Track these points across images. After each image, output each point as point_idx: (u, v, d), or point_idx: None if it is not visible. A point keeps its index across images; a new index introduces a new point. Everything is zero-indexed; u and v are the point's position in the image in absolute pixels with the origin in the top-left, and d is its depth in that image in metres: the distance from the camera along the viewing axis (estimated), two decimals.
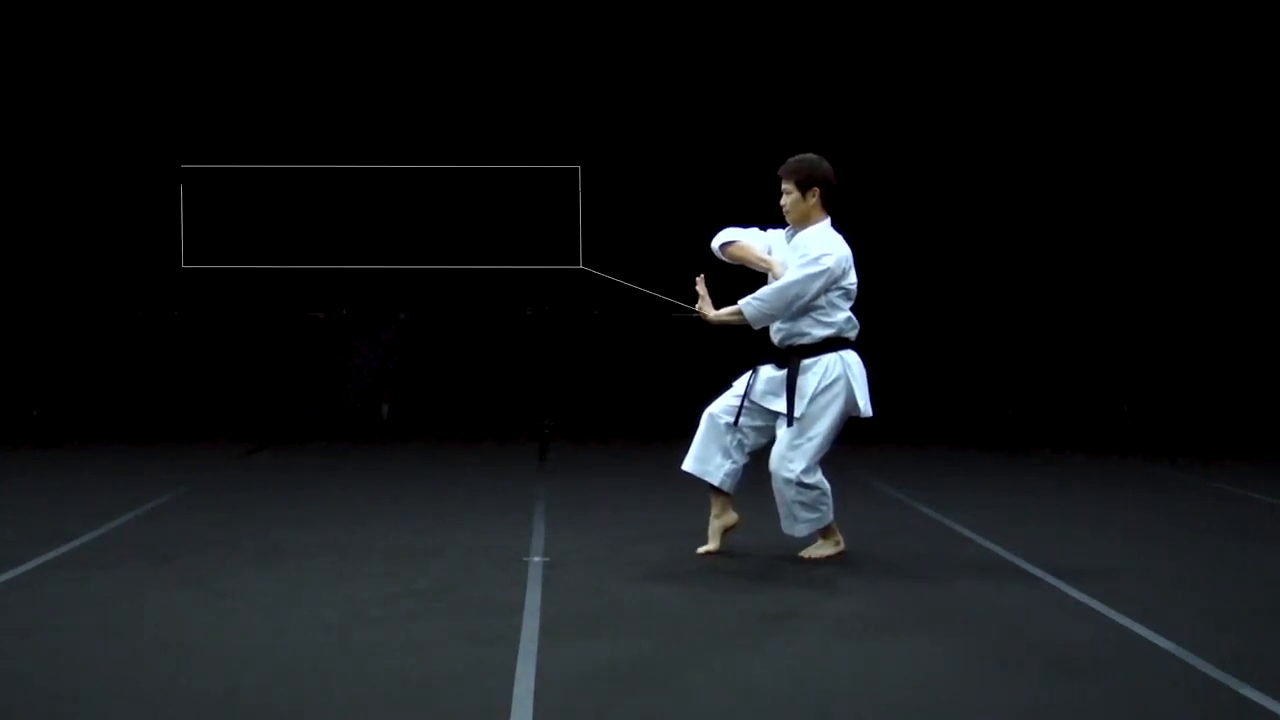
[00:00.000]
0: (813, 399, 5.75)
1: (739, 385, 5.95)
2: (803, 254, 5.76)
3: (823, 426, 5.75)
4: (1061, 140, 12.48)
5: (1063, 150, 12.49)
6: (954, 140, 12.49)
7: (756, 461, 5.94)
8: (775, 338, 5.88)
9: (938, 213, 12.30)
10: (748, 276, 5.98)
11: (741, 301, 5.78)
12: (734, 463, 5.92)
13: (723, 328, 5.92)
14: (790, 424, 5.74)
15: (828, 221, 5.86)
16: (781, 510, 5.85)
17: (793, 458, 5.74)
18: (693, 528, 6.16)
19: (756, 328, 5.83)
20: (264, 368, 12.90)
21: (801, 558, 5.90)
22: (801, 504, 5.78)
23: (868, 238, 6.73)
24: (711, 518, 6.02)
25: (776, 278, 5.80)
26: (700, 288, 5.93)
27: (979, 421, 12.12)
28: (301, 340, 13.08)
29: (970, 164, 12.48)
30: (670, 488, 6.94)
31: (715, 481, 5.92)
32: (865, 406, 5.81)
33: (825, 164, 5.88)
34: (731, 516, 5.99)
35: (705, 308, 5.90)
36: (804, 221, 5.85)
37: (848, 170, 6.20)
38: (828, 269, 5.71)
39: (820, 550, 5.95)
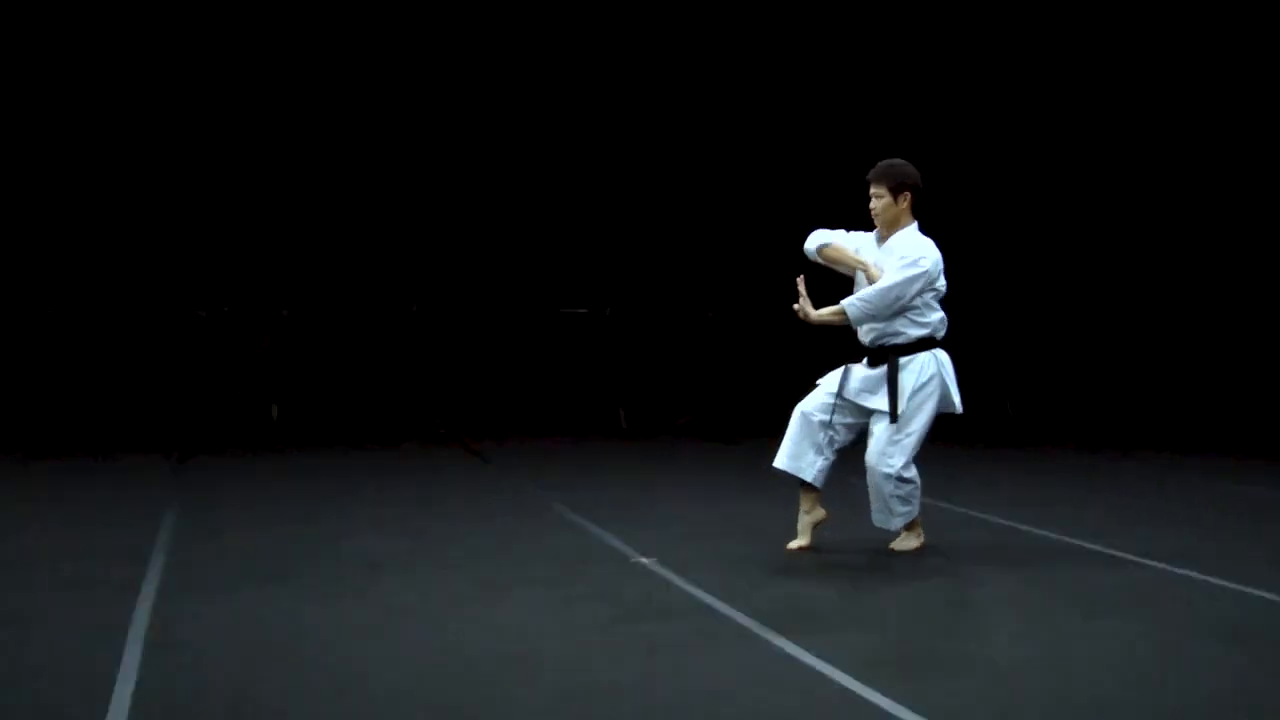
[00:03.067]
0: (911, 396, 5.94)
1: (830, 383, 6.09)
2: (902, 256, 5.93)
3: (919, 423, 5.95)
4: (1061, 143, 12.48)
5: (1061, 153, 12.51)
6: (951, 142, 12.44)
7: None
8: (867, 338, 6.03)
9: (936, 214, 12.41)
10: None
11: (845, 301, 5.92)
12: (825, 459, 6.05)
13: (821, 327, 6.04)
14: (894, 420, 5.92)
15: (916, 225, 6.06)
16: (876, 504, 6.03)
17: (892, 453, 5.92)
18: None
19: (857, 327, 5.97)
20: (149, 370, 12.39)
21: (892, 550, 6.11)
22: (899, 498, 5.98)
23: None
24: (802, 513, 6.15)
25: (871, 279, 5.97)
26: (801, 287, 6.04)
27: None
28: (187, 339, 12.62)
29: (969, 166, 12.48)
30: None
31: (809, 478, 6.05)
32: (958, 403, 6.05)
33: (914, 169, 6.07)
34: (820, 512, 6.14)
35: (806, 307, 6.01)
36: (894, 225, 6.02)
37: (846, 172, 6.39)
38: (926, 271, 5.91)
39: (906, 543, 6.15)
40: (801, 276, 6.05)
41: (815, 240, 6.09)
